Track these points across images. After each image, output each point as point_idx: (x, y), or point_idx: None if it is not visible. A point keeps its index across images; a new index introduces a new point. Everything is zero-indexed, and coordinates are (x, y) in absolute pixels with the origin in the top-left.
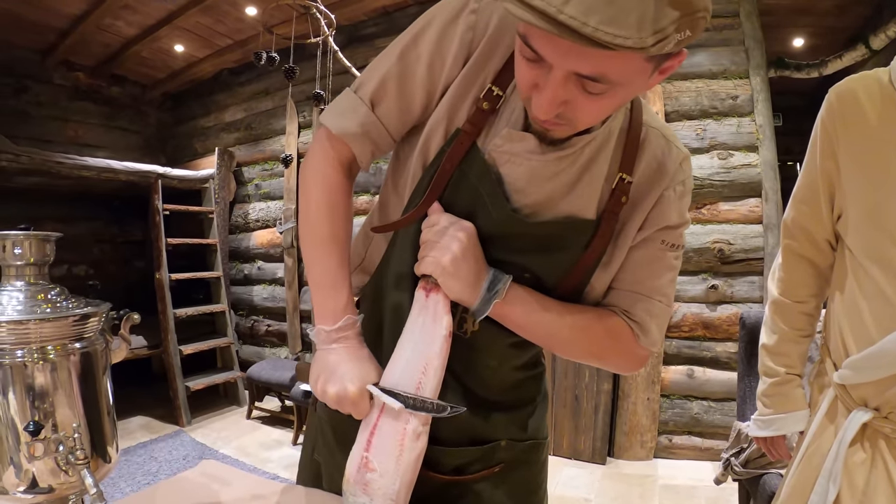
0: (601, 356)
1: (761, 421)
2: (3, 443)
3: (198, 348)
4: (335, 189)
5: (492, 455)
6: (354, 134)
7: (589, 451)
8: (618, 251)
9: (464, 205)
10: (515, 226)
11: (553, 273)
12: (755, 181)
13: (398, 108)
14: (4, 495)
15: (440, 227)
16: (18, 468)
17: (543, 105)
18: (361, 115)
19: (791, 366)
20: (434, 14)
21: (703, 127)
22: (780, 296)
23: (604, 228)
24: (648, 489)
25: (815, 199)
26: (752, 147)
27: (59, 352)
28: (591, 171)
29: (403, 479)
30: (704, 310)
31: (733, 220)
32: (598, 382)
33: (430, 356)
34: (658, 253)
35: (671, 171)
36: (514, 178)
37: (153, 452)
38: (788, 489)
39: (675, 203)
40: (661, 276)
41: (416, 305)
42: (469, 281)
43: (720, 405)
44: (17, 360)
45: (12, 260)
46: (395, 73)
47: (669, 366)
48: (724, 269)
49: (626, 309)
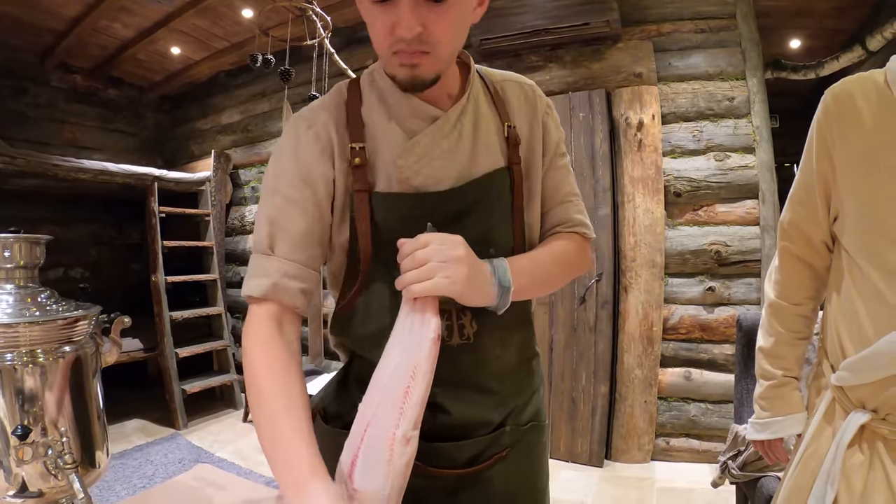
0: (573, 271)
1: (758, 424)
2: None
3: (194, 351)
4: (271, 353)
5: (499, 441)
6: (273, 285)
7: (586, 453)
8: (534, 184)
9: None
10: (457, 199)
11: (506, 231)
12: (752, 183)
13: (297, 238)
14: None
15: (433, 246)
16: (8, 472)
17: (405, 25)
18: (269, 266)
19: (788, 368)
20: (280, 151)
21: (700, 129)
22: (777, 298)
23: (516, 171)
24: (646, 492)
25: (811, 201)
26: (749, 149)
27: (49, 355)
28: (480, 133)
29: (394, 483)
30: (701, 312)
31: (730, 221)
32: (594, 385)
33: (418, 360)
34: (559, 165)
35: (535, 102)
36: (427, 177)
37: (149, 455)
38: (786, 492)
39: (552, 124)
40: (568, 180)
41: (403, 309)
42: (484, 285)
43: (718, 407)
44: (6, 364)
45: (2, 263)
46: (274, 213)
47: (667, 368)
48: (721, 272)
49: (563, 220)
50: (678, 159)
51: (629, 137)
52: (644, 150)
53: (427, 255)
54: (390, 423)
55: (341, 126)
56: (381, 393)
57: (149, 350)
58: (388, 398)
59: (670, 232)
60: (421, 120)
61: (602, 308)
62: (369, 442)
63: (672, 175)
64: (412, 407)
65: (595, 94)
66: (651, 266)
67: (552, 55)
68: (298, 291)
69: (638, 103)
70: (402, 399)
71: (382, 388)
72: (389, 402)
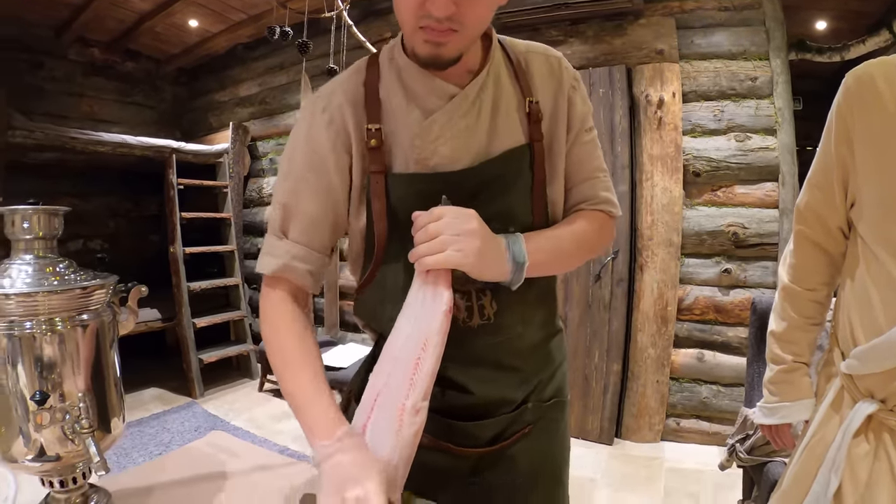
0: (594, 250)
1: (767, 408)
2: (13, 413)
3: (211, 321)
4: (288, 322)
5: (521, 418)
6: (282, 266)
7: (597, 431)
8: (557, 160)
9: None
10: (473, 178)
11: (524, 208)
12: (772, 165)
13: (308, 223)
14: (14, 463)
15: (446, 219)
16: (27, 437)
17: (439, 4)
18: (280, 247)
19: (799, 354)
20: (295, 134)
21: (721, 108)
22: (791, 283)
23: (537, 148)
24: (655, 471)
25: (828, 186)
26: (771, 130)
27: (67, 323)
28: (500, 109)
29: (402, 453)
30: (717, 293)
31: (749, 203)
32: (607, 363)
33: (429, 333)
34: (585, 140)
35: (560, 75)
36: (444, 157)
37: (166, 423)
38: (791, 478)
39: (579, 99)
40: (595, 155)
41: (416, 282)
42: (497, 260)
43: (729, 390)
44: (25, 332)
45: (21, 234)
46: (287, 197)
47: (680, 349)
48: (737, 254)
49: (588, 197)
50: (698, 138)
51: (649, 115)
52: (664, 128)
53: (440, 228)
54: (400, 393)
55: (359, 107)
56: (392, 364)
57: (167, 320)
58: (399, 369)
59: (688, 212)
60: (439, 98)
61: (617, 286)
62: (379, 412)
63: (691, 154)
64: (422, 378)
65: (615, 70)
66: (668, 245)
67: (573, 30)
68: (306, 273)
69: (659, 80)
70: (413, 370)
71: (394, 360)
72: (400, 373)
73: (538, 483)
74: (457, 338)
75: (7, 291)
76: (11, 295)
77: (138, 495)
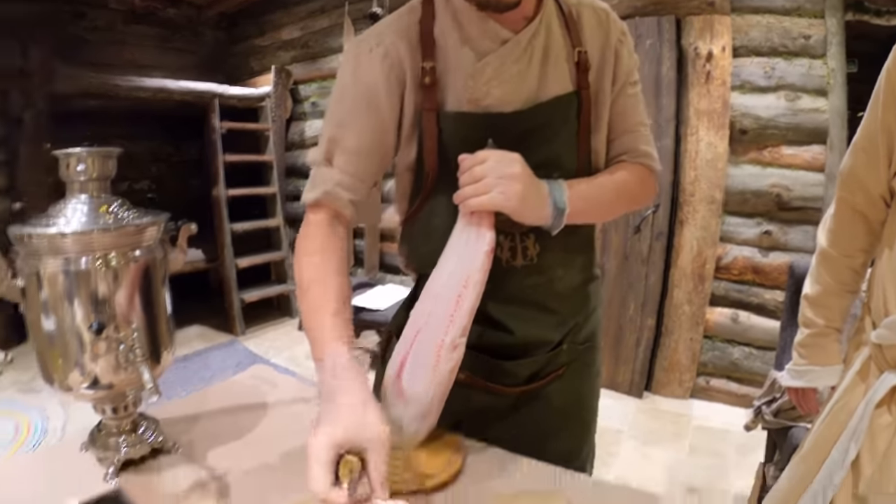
0: (634, 202)
1: (795, 371)
2: (70, 345)
3: (253, 262)
4: (319, 245)
5: (556, 359)
6: (326, 193)
7: (627, 383)
8: (602, 111)
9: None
10: (523, 123)
11: (569, 156)
12: (821, 128)
13: (354, 153)
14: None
15: (490, 162)
16: (82, 367)
17: None
18: (324, 175)
19: (831, 319)
20: (342, 74)
21: (772, 65)
22: (829, 247)
23: (584, 96)
24: (682, 428)
25: (873, 152)
26: (822, 91)
27: (121, 259)
28: (550, 57)
29: (437, 389)
30: (756, 254)
31: (795, 165)
32: (641, 317)
33: (471, 271)
34: (630, 93)
35: (608, 27)
36: (496, 99)
37: (208, 360)
38: (811, 442)
39: (625, 52)
40: (638, 108)
41: (459, 223)
42: (538, 204)
43: (761, 353)
44: (81, 269)
45: (76, 176)
46: (335, 130)
47: (715, 307)
48: (780, 216)
49: (630, 149)
50: (746, 95)
51: (697, 68)
52: (712, 82)
53: (484, 171)
54: (440, 329)
55: (413, 45)
56: (433, 301)
57: (210, 261)
58: (439, 306)
59: (732, 169)
60: (492, 41)
61: (656, 240)
62: (418, 347)
63: (739, 111)
64: (462, 315)
65: (664, 21)
66: (709, 202)
67: None
68: (349, 202)
69: (708, 33)
70: (454, 307)
71: (435, 297)
72: (441, 310)
73: (569, 423)
74: (500, 277)
75: (63, 230)
76: (68, 233)
77: (184, 423)
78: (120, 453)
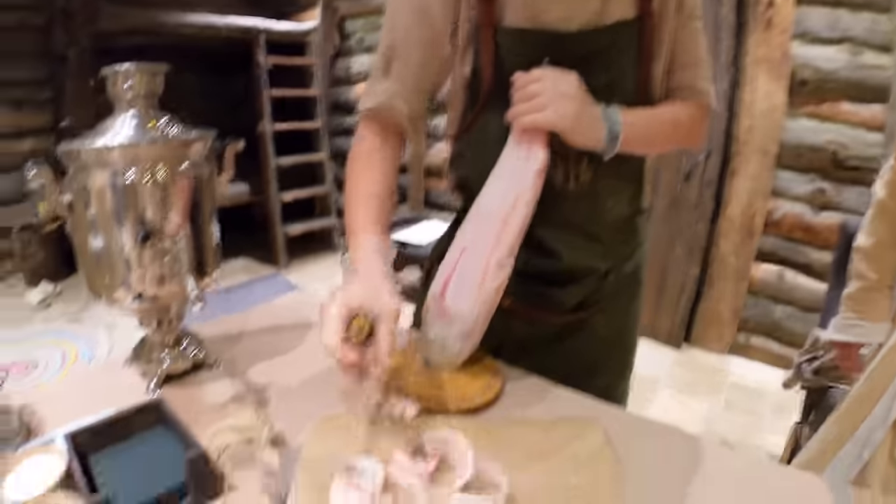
0: (686, 139)
1: (842, 323)
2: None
3: (297, 196)
4: (367, 157)
5: (602, 289)
6: (380, 104)
7: (666, 332)
8: (663, 37)
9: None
10: (582, 45)
11: (628, 83)
12: (884, 86)
13: (411, 66)
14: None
15: (546, 81)
16: (128, 280)
17: None
18: (381, 87)
19: (884, 273)
20: None
21: (836, 16)
22: (887, 198)
23: (646, 23)
24: (718, 383)
25: None
26: (886, 48)
27: (168, 173)
28: None
29: (482, 307)
30: (807, 212)
31: (854, 122)
32: (686, 265)
33: (521, 190)
34: (692, 27)
35: None
36: (556, 16)
37: (251, 290)
38: (853, 398)
39: None
40: (699, 43)
41: (511, 141)
42: (593, 126)
43: (804, 314)
44: (128, 181)
45: (123, 94)
46: (391, 44)
47: (761, 263)
48: (834, 174)
49: (689, 84)
50: (808, 46)
51: (758, 14)
52: (772, 29)
53: (539, 90)
54: (487, 248)
55: None
56: (480, 220)
57: (255, 194)
58: (487, 225)
59: (788, 122)
60: None
61: (706, 188)
62: (464, 265)
63: (799, 62)
64: (510, 234)
65: None
66: (763, 154)
67: None
68: (405, 114)
69: None
70: (501, 226)
71: (483, 216)
72: (488, 229)
73: (609, 358)
74: (550, 202)
75: (110, 143)
76: (115, 147)
77: (226, 341)
78: (162, 366)
